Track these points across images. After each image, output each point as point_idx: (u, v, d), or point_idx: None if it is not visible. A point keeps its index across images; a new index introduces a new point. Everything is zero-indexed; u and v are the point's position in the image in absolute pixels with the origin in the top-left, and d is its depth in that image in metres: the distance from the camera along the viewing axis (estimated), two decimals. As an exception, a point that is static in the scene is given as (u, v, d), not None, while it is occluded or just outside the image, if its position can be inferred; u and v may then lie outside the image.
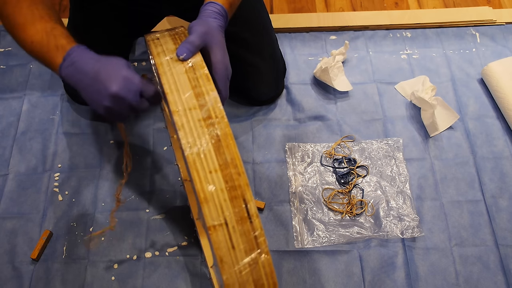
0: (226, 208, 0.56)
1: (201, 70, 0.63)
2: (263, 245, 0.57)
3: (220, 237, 0.55)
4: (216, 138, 0.57)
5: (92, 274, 0.97)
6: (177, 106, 0.59)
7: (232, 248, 0.56)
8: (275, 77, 1.16)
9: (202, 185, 0.56)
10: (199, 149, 0.57)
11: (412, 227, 1.00)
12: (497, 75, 1.18)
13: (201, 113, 0.59)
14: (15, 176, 1.09)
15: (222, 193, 0.56)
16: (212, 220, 0.55)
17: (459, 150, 1.13)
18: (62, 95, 1.20)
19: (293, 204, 1.04)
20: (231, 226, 0.56)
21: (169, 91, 0.60)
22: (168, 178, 1.08)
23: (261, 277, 0.57)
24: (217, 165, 0.57)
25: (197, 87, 0.60)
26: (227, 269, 0.55)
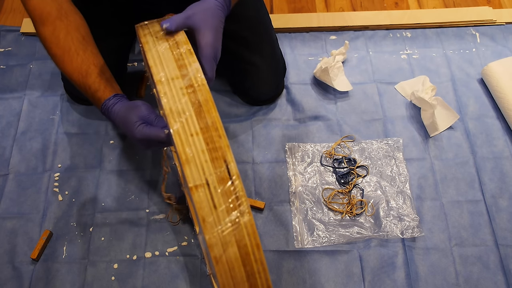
0: (207, 168, 0.57)
1: (184, 46, 0.66)
2: (244, 205, 0.58)
3: (202, 197, 0.56)
4: (197, 104, 0.60)
5: (92, 274, 0.97)
6: (160, 77, 0.62)
7: (213, 207, 0.57)
8: (275, 77, 1.16)
9: (184, 147, 0.58)
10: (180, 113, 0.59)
11: (412, 227, 1.00)
12: (497, 75, 1.18)
13: (183, 81, 0.62)
14: (15, 176, 1.09)
15: (203, 154, 0.58)
16: (194, 180, 0.57)
17: (459, 150, 1.13)
18: (62, 95, 1.20)
19: (293, 204, 1.04)
20: (213, 186, 0.57)
21: (153, 65, 0.63)
22: (167, 178, 1.08)
23: (244, 237, 0.58)
24: (198, 128, 0.59)
25: (180, 60, 0.64)
26: (210, 228, 0.56)
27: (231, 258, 0.57)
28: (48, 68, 1.25)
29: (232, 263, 0.57)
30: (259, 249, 0.58)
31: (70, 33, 0.83)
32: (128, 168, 1.09)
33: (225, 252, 0.57)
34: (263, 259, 0.59)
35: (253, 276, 0.59)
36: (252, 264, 0.58)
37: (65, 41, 0.83)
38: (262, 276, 0.59)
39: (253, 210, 1.04)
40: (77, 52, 0.83)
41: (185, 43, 0.67)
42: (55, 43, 0.83)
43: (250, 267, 0.58)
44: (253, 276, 0.59)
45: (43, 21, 0.83)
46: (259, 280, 0.59)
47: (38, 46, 1.29)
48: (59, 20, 0.83)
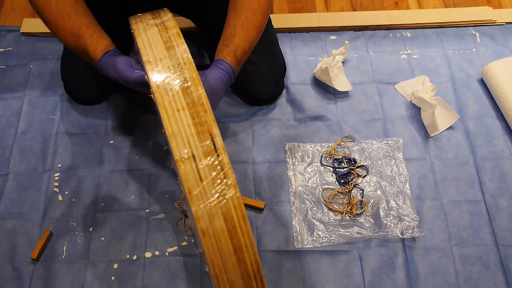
0: (193, 142, 0.58)
1: (173, 29, 0.68)
2: (231, 178, 0.59)
3: (188, 169, 0.57)
4: (183, 81, 0.62)
5: (92, 274, 0.97)
6: (148, 57, 0.64)
7: (200, 180, 0.57)
8: (275, 77, 1.16)
9: (170, 121, 0.59)
10: (167, 89, 0.61)
11: (412, 227, 1.00)
12: (497, 75, 1.18)
13: (170, 61, 0.64)
14: (15, 176, 1.09)
15: (189, 128, 0.59)
16: (180, 154, 0.58)
17: (459, 150, 1.13)
18: (62, 95, 1.20)
19: (293, 204, 1.04)
20: (199, 159, 0.58)
21: (142, 47, 0.66)
22: (168, 178, 1.08)
23: (230, 210, 0.58)
24: (185, 103, 0.60)
25: (168, 42, 0.66)
26: (196, 201, 0.57)
27: (218, 230, 0.58)
28: (48, 68, 1.25)
29: (219, 236, 0.58)
30: (245, 222, 0.59)
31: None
32: (128, 168, 1.09)
33: (212, 224, 0.57)
34: (250, 232, 0.59)
35: (240, 250, 0.59)
36: (239, 237, 0.59)
37: (57, 6, 0.85)
38: (249, 249, 0.59)
39: (253, 210, 1.04)
40: (68, 15, 0.85)
41: (174, 27, 0.69)
42: (47, 8, 0.85)
43: (237, 240, 0.59)
44: (241, 250, 0.59)
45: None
46: (246, 253, 0.59)
47: (38, 46, 1.29)
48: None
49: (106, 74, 0.85)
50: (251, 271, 0.60)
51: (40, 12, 0.87)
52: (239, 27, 0.85)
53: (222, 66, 0.82)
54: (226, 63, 0.82)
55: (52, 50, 1.28)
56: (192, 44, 1.28)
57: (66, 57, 1.15)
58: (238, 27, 0.85)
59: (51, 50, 1.28)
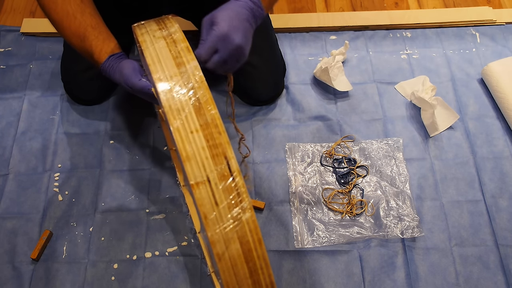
0: (208, 165, 0.57)
1: (182, 43, 0.66)
2: (246, 202, 0.58)
3: (203, 194, 0.56)
4: (196, 101, 0.60)
5: (92, 274, 0.97)
6: (159, 75, 0.62)
7: (215, 204, 0.57)
8: (274, 78, 1.16)
9: (184, 144, 0.58)
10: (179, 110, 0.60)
11: (412, 227, 1.00)
12: (497, 75, 1.18)
13: (181, 79, 0.62)
14: (15, 176, 1.09)
15: (204, 151, 0.58)
16: (195, 177, 0.57)
17: (459, 150, 1.13)
18: (62, 95, 1.20)
19: (293, 204, 1.04)
20: (214, 183, 0.57)
21: (151, 63, 0.64)
22: (168, 178, 1.08)
23: (246, 234, 0.58)
24: (198, 125, 0.59)
25: (178, 58, 0.64)
26: (212, 225, 0.56)
27: (234, 254, 0.57)
28: (48, 68, 1.25)
29: (235, 260, 0.57)
30: (261, 245, 0.59)
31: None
32: (128, 168, 1.09)
33: (228, 249, 0.57)
34: (266, 255, 0.59)
35: (255, 272, 0.59)
36: (254, 260, 0.58)
37: (63, 6, 0.84)
38: (264, 272, 0.59)
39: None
40: (74, 16, 0.84)
41: (182, 41, 0.67)
42: (53, 8, 0.84)
43: (252, 263, 0.58)
44: (256, 272, 0.59)
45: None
46: (261, 275, 0.59)
47: (38, 46, 1.29)
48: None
49: (111, 77, 0.83)
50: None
51: (46, 12, 0.86)
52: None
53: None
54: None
55: (52, 50, 1.28)
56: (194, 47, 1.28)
57: (67, 57, 1.15)
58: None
59: (51, 50, 1.28)
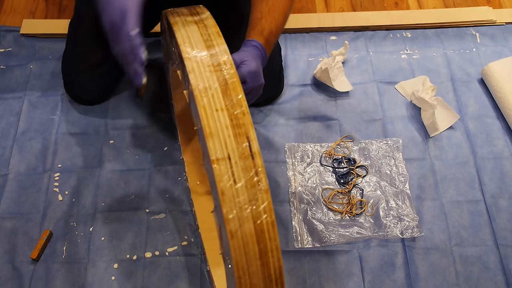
0: (229, 143, 0.58)
1: (212, 28, 0.67)
2: (263, 183, 0.59)
3: (222, 170, 0.57)
4: (224, 82, 0.61)
5: (92, 274, 0.97)
6: (188, 54, 0.63)
7: (234, 182, 0.57)
8: (273, 78, 1.16)
9: (208, 121, 0.59)
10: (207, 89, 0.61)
11: (412, 227, 1.00)
12: (497, 75, 1.18)
13: (211, 60, 0.63)
14: (15, 176, 1.09)
15: (227, 130, 0.59)
16: (216, 153, 0.58)
17: (459, 150, 1.13)
18: (62, 95, 1.20)
19: (293, 204, 1.04)
20: (234, 161, 0.58)
21: (181, 42, 0.65)
22: (168, 178, 1.08)
23: (260, 215, 0.58)
24: (224, 104, 0.60)
25: (208, 41, 0.65)
26: (228, 202, 0.57)
27: (247, 234, 0.58)
28: (48, 68, 1.26)
29: (247, 239, 0.58)
30: (274, 228, 0.59)
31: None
32: (128, 168, 1.10)
33: (241, 227, 0.57)
34: (277, 238, 0.59)
35: (265, 255, 0.59)
36: (266, 242, 0.59)
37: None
38: (274, 255, 0.59)
39: (253, 210, 1.04)
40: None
41: (213, 26, 0.68)
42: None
43: (264, 245, 0.59)
44: (266, 255, 0.59)
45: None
46: (271, 258, 0.59)
47: (38, 46, 1.29)
48: None
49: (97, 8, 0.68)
50: (273, 276, 0.60)
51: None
52: (266, 12, 0.84)
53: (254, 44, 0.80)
54: (256, 41, 0.80)
55: (52, 50, 1.29)
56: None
57: (68, 57, 1.15)
58: (265, 12, 0.84)
59: (51, 50, 1.29)
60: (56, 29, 1.31)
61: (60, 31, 1.30)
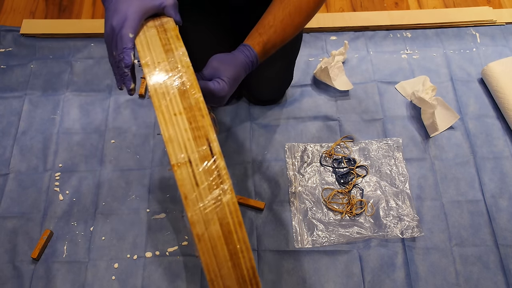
0: (190, 147, 0.58)
1: (172, 32, 0.68)
2: (227, 183, 0.58)
3: (184, 174, 0.57)
4: (181, 85, 0.62)
5: (93, 274, 0.97)
6: (147, 60, 0.64)
7: (196, 185, 0.57)
8: (280, 79, 1.16)
9: (167, 126, 0.59)
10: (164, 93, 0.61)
11: (412, 227, 1.01)
12: (497, 75, 1.18)
13: (168, 65, 0.63)
14: (15, 175, 1.09)
15: (186, 133, 0.59)
16: (176, 158, 0.58)
17: (459, 150, 1.13)
18: (63, 94, 1.20)
19: (293, 204, 1.05)
20: (195, 164, 0.58)
21: (140, 49, 0.65)
22: (168, 178, 1.08)
23: (226, 215, 0.58)
24: (182, 108, 0.60)
25: (167, 45, 0.65)
26: (192, 206, 0.57)
27: (214, 236, 0.58)
28: (49, 68, 1.26)
29: (214, 241, 0.58)
30: (241, 228, 0.59)
31: None
32: (128, 168, 1.10)
33: (207, 229, 0.57)
34: (246, 238, 0.59)
35: (236, 255, 0.59)
36: (235, 242, 0.59)
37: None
38: (245, 255, 0.59)
39: (253, 210, 1.04)
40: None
41: (173, 29, 0.68)
42: None
43: (233, 246, 0.59)
44: (236, 255, 0.59)
45: None
46: (242, 259, 0.59)
47: (38, 46, 1.30)
48: None
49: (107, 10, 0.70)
50: (246, 276, 0.60)
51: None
52: (279, 20, 0.80)
53: (249, 54, 0.78)
54: (253, 52, 0.78)
55: (53, 49, 1.29)
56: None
57: None
58: (278, 20, 0.80)
59: (52, 50, 1.29)
60: (56, 29, 1.31)
61: (60, 31, 1.30)
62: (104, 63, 1.26)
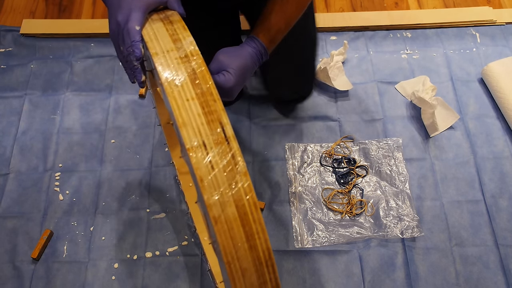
0: (203, 131, 0.59)
1: (178, 23, 0.68)
2: (241, 165, 0.59)
3: (199, 157, 0.58)
4: (192, 71, 0.63)
5: (93, 274, 0.97)
6: (156, 50, 0.64)
7: (211, 168, 0.58)
8: (300, 80, 1.12)
9: (180, 111, 0.60)
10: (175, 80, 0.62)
11: (412, 227, 1.01)
12: (497, 75, 1.18)
13: (178, 53, 0.64)
14: (16, 175, 1.09)
15: (200, 118, 0.60)
16: (191, 142, 0.58)
17: (459, 150, 1.13)
18: (63, 94, 1.20)
19: (293, 204, 1.05)
20: (209, 147, 0.59)
21: (148, 40, 0.66)
22: (168, 178, 1.08)
23: (242, 197, 0.58)
24: (194, 93, 0.61)
25: (174, 35, 0.66)
26: (208, 188, 0.57)
27: (230, 217, 0.58)
28: (49, 67, 1.26)
29: (231, 223, 0.58)
30: (257, 209, 0.59)
31: None
32: (128, 168, 1.10)
33: (224, 211, 0.58)
34: (261, 219, 0.59)
35: (252, 237, 0.59)
36: (251, 224, 0.59)
37: None
38: (261, 236, 0.60)
39: (253, 210, 1.04)
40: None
41: (179, 21, 0.69)
42: None
43: (249, 227, 0.59)
44: (252, 237, 0.59)
45: None
46: (258, 240, 0.60)
47: (38, 46, 1.30)
48: None
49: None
50: (262, 258, 0.60)
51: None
52: (278, 3, 0.79)
53: (254, 44, 0.78)
54: (258, 41, 0.78)
55: (53, 49, 1.29)
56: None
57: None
58: (277, 3, 0.80)
59: (52, 50, 1.29)
60: (56, 29, 1.31)
61: (60, 31, 1.30)
62: (105, 62, 1.26)
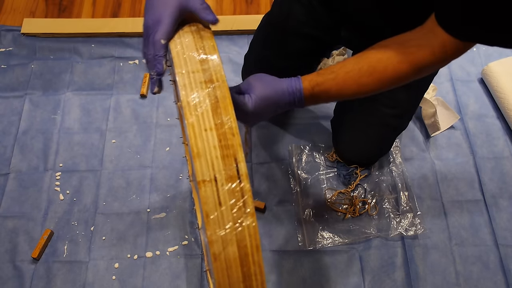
0: (217, 165, 0.58)
1: (208, 41, 0.66)
2: (250, 207, 0.58)
3: (208, 192, 0.57)
4: (215, 99, 0.60)
5: (93, 274, 0.97)
6: (181, 69, 0.62)
7: (219, 204, 0.57)
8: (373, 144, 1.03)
9: (196, 140, 0.58)
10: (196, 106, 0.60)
11: (412, 226, 1.01)
12: (497, 75, 1.18)
13: (203, 76, 0.62)
14: (16, 175, 1.09)
15: (215, 150, 0.58)
16: (203, 175, 0.57)
17: (459, 150, 1.13)
18: (63, 94, 1.21)
19: (294, 204, 1.05)
20: (220, 183, 0.57)
21: (175, 55, 0.64)
22: (169, 177, 1.09)
23: (245, 238, 0.58)
24: (213, 124, 0.59)
25: (202, 54, 0.64)
26: (212, 225, 0.57)
27: (230, 257, 0.58)
28: (50, 67, 1.26)
29: (230, 262, 0.58)
30: (258, 252, 0.59)
31: None
32: (129, 168, 1.10)
33: (225, 250, 0.57)
34: (261, 262, 0.59)
35: (249, 278, 0.59)
36: (249, 265, 0.59)
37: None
38: (258, 278, 0.59)
39: (253, 210, 1.04)
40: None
41: (209, 38, 0.66)
42: None
43: (247, 268, 0.59)
44: (249, 278, 0.59)
45: None
46: (254, 281, 0.59)
47: (39, 45, 1.30)
48: None
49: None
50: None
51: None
52: (345, 70, 0.71)
53: (294, 84, 0.73)
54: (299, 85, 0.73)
55: (53, 49, 1.29)
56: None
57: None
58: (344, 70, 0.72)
59: (52, 50, 1.29)
60: (57, 28, 1.31)
61: (61, 30, 1.30)
62: (105, 62, 1.26)
